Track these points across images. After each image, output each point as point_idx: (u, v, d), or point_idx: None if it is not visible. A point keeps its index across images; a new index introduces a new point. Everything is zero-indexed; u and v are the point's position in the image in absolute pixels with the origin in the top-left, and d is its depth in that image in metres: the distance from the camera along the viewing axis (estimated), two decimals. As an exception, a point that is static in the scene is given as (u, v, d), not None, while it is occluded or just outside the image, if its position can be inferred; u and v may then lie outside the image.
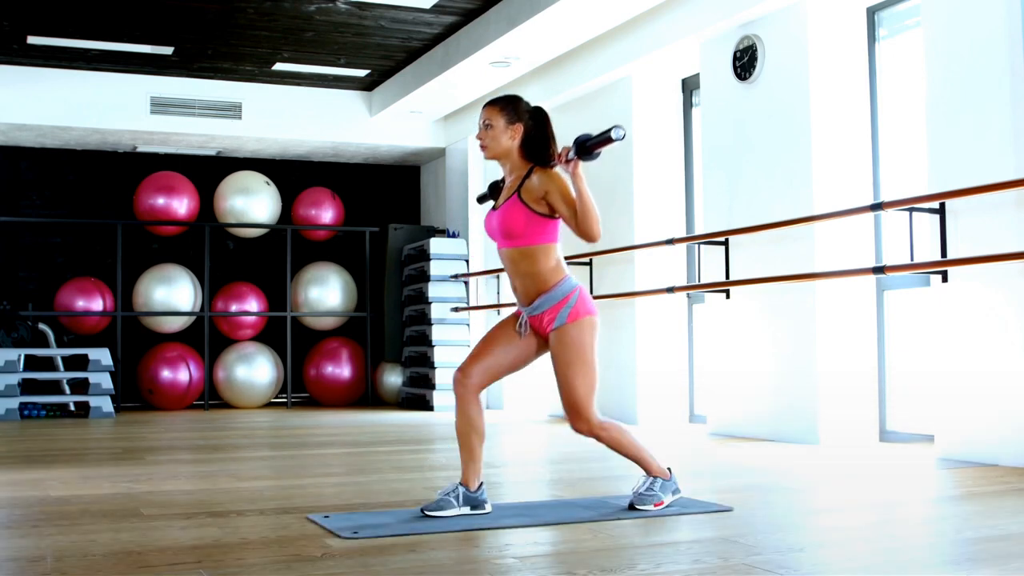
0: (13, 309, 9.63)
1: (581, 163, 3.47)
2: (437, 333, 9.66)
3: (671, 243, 7.01)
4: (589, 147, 3.45)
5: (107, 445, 6.49)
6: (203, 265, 10.22)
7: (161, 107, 9.69)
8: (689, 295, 7.45)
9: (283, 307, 10.64)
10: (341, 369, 10.46)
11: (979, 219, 4.93)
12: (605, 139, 3.42)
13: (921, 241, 5.31)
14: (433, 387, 9.55)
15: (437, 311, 9.71)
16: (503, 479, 4.46)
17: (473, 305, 9.77)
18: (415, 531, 3.16)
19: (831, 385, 5.93)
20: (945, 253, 5.07)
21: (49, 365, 9.68)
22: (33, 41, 8.58)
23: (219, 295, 10.34)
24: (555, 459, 5.59)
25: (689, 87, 7.67)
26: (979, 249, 4.88)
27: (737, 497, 3.84)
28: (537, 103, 3.78)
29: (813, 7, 6.08)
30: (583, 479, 4.55)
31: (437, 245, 9.81)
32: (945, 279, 5.08)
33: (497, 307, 9.38)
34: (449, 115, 10.37)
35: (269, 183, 10.53)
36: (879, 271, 5.35)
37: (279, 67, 9.47)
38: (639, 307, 7.55)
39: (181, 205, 10.18)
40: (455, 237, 10.03)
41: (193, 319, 10.30)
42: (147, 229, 10.45)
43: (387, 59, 9.26)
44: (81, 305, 9.82)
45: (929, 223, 5.25)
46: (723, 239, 6.55)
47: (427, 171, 11.51)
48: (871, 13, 6.10)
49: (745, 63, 6.48)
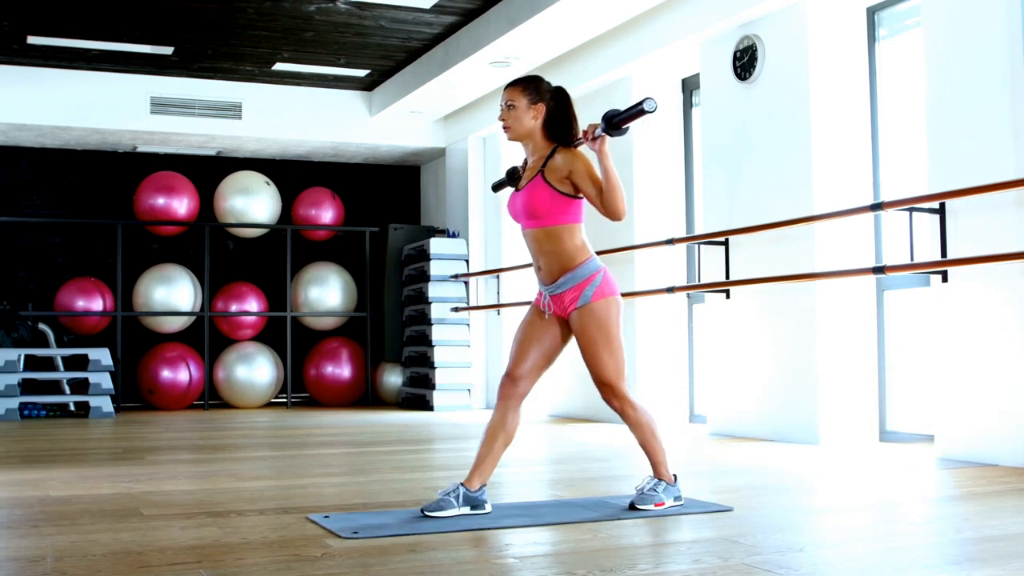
0: (13, 309, 9.64)
1: (608, 140, 3.43)
2: (437, 333, 9.66)
3: (671, 243, 7.01)
4: (618, 122, 3.37)
5: (107, 445, 6.49)
6: (203, 265, 10.22)
7: (161, 107, 9.69)
8: (689, 295, 7.45)
9: (283, 307, 10.64)
10: (341, 369, 10.46)
11: (979, 219, 4.93)
12: (637, 112, 3.30)
13: (921, 241, 5.31)
14: (433, 387, 9.55)
15: (437, 311, 9.71)
16: (503, 479, 4.46)
17: (473, 305, 9.77)
18: (415, 531, 3.16)
19: (831, 385, 5.93)
20: (945, 253, 5.07)
21: (49, 365, 9.68)
22: (33, 41, 8.58)
23: (219, 295, 10.34)
24: (555, 459, 5.59)
25: (689, 87, 7.67)
26: (979, 249, 4.88)
27: (737, 497, 3.83)
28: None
29: (813, 7, 6.08)
30: (583, 479, 4.55)
31: (437, 245, 9.82)
32: (945, 279, 5.08)
33: (497, 307, 9.38)
34: (449, 115, 10.37)
35: (269, 183, 10.53)
36: (879, 271, 5.35)
37: (279, 67, 9.47)
38: (639, 307, 7.55)
39: (181, 205, 10.19)
40: (455, 237, 10.03)
41: (193, 319, 10.30)
42: (147, 229, 10.45)
43: (387, 59, 9.26)
44: (81, 305, 9.82)
45: (929, 223, 5.25)
46: (723, 239, 6.55)
47: (427, 171, 11.51)
48: (871, 13, 6.10)
49: (745, 63, 6.48)
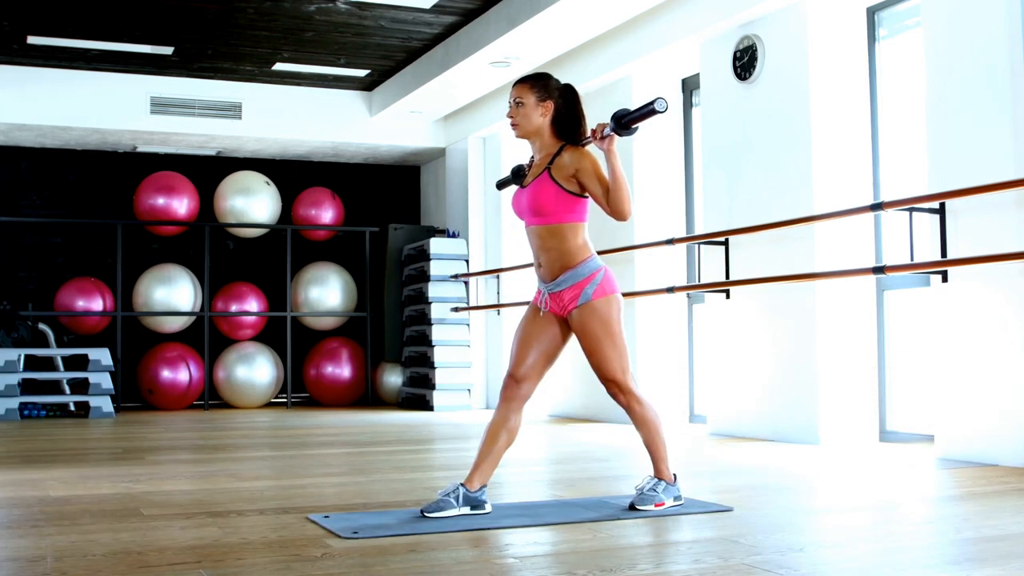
0: (13, 309, 9.64)
1: (616, 139, 3.42)
2: (437, 333, 9.66)
3: (671, 243, 7.01)
4: (627, 122, 3.36)
5: (107, 445, 6.49)
6: (203, 265, 10.22)
7: (161, 107, 9.69)
8: (689, 295, 7.45)
9: (283, 307, 10.64)
10: (341, 369, 10.46)
11: (979, 219, 4.93)
12: (648, 112, 3.28)
13: (921, 241, 5.31)
14: (433, 387, 9.55)
15: (437, 311, 9.71)
16: (503, 479, 4.46)
17: (473, 305, 9.77)
18: (415, 531, 3.16)
19: (831, 385, 5.93)
20: (945, 253, 5.07)
21: (49, 365, 9.67)
22: (33, 41, 8.58)
23: (219, 295, 10.34)
24: (555, 459, 5.59)
25: (689, 87, 7.67)
26: (979, 249, 4.88)
27: (737, 497, 3.84)
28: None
29: (813, 7, 6.08)
30: (583, 479, 4.55)
31: (437, 245, 9.82)
32: (945, 279, 5.08)
33: (497, 307, 9.38)
34: (449, 115, 10.37)
35: (269, 183, 10.53)
36: (879, 271, 5.35)
37: (279, 67, 9.47)
38: (639, 307, 7.55)
39: (181, 205, 10.19)
40: (455, 237, 10.03)
41: (193, 319, 10.30)
42: (147, 229, 10.45)
43: (387, 59, 9.26)
44: (81, 305, 9.82)
45: (929, 223, 5.25)
46: (723, 239, 6.55)
47: (427, 171, 11.51)
48: (871, 13, 6.10)
49: (745, 63, 6.48)
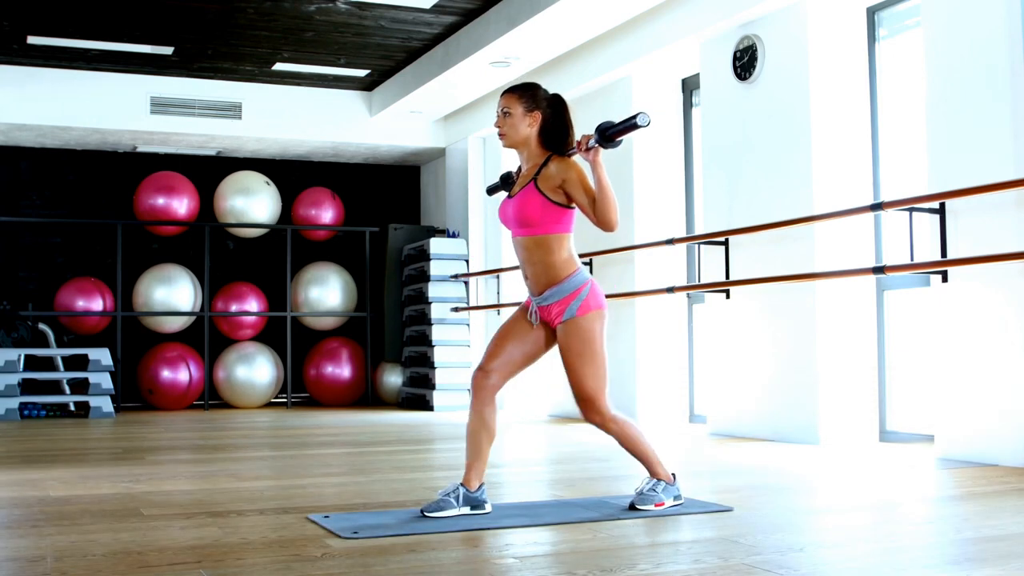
0: (13, 309, 9.63)
1: (601, 151, 3.44)
2: (437, 333, 9.66)
3: (671, 243, 7.01)
4: (611, 135, 3.40)
5: (107, 445, 6.49)
6: (203, 265, 10.22)
7: (161, 107, 9.69)
8: (689, 295, 7.45)
9: (283, 307, 10.64)
10: (341, 369, 10.46)
11: (979, 219, 4.93)
12: (629, 126, 3.35)
13: (921, 241, 5.31)
14: (433, 387, 9.55)
15: (437, 311, 9.71)
16: (503, 479, 4.46)
17: (473, 305, 9.77)
18: (415, 531, 3.16)
19: (831, 385, 5.93)
20: (945, 253, 5.07)
21: (49, 365, 9.67)
22: (33, 41, 8.58)
23: (219, 295, 10.34)
24: (555, 459, 5.59)
25: (689, 87, 7.67)
26: (979, 249, 4.88)
27: (737, 497, 3.83)
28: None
29: (813, 7, 6.08)
30: (583, 479, 4.55)
31: (437, 245, 9.81)
32: (945, 279, 5.08)
33: (497, 307, 9.38)
34: (449, 115, 10.37)
35: (269, 183, 10.53)
36: (879, 271, 5.35)
37: (279, 67, 9.47)
38: (639, 307, 7.55)
39: (181, 205, 10.19)
40: (455, 237, 10.03)
41: (193, 319, 10.30)
42: (147, 229, 10.45)
43: (387, 59, 9.26)
44: (81, 305, 9.82)
45: (929, 223, 5.25)
46: (723, 239, 6.55)
47: (427, 171, 11.51)
48: (871, 13, 6.10)
49: (745, 63, 6.48)
